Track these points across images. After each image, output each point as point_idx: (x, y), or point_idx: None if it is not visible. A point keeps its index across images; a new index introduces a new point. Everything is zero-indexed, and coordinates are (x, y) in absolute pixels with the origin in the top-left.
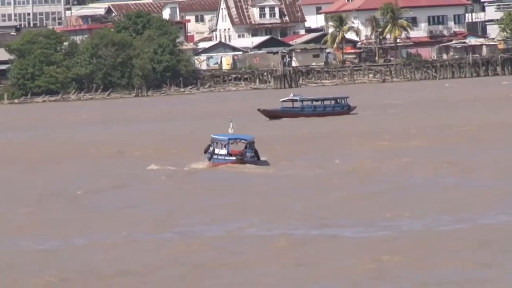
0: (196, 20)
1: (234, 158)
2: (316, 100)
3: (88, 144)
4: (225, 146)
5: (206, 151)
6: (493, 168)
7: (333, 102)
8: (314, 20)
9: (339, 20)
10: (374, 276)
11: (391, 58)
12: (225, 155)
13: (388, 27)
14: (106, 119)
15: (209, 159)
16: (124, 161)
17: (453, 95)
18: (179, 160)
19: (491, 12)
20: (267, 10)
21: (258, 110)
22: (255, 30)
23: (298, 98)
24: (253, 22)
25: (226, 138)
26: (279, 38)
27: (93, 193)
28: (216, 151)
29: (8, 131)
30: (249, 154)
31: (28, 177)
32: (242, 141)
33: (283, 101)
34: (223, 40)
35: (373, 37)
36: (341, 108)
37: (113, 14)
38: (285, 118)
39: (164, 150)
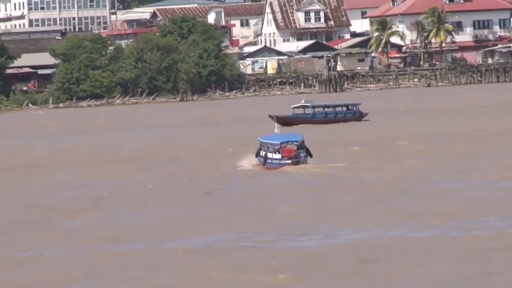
0: (241, 25)
1: (289, 161)
2: (328, 107)
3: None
4: (278, 151)
5: (257, 155)
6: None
7: (344, 108)
8: (359, 25)
9: (383, 24)
10: None
11: (436, 63)
12: (279, 159)
13: (433, 31)
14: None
15: (264, 164)
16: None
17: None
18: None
19: None
20: (312, 15)
21: (269, 116)
22: (300, 35)
23: (309, 104)
24: (298, 27)
25: (278, 142)
26: (324, 42)
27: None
28: (269, 155)
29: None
30: (302, 155)
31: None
32: (294, 143)
33: (295, 107)
34: (268, 45)
35: (418, 41)
36: (353, 114)
37: (158, 19)
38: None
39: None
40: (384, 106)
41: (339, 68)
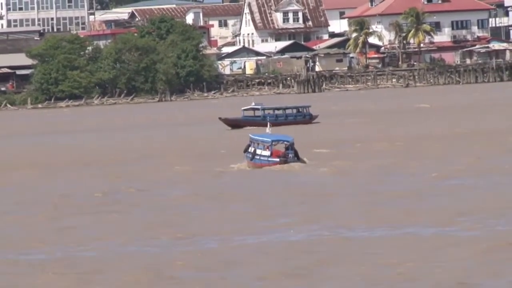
0: (220, 25)
1: (278, 159)
2: (278, 109)
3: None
4: (268, 148)
5: (245, 151)
6: None
7: (295, 111)
8: (338, 25)
9: (361, 24)
10: None
11: (415, 63)
12: (268, 156)
13: (412, 31)
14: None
15: (251, 159)
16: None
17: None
18: (213, 162)
19: None
20: (290, 15)
21: (219, 118)
22: (278, 35)
23: (259, 106)
24: (276, 27)
25: (269, 140)
26: (302, 43)
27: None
28: (258, 152)
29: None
30: (291, 155)
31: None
32: (285, 142)
33: (245, 109)
34: (246, 45)
35: (396, 41)
36: (303, 117)
37: (137, 19)
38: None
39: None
40: (345, 108)
41: (317, 68)
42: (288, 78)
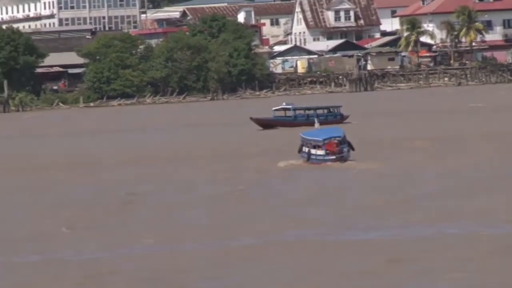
0: (271, 24)
1: (334, 157)
2: (309, 109)
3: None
4: (321, 147)
5: (300, 151)
6: None
7: (326, 111)
8: (389, 24)
9: (413, 23)
10: None
11: (466, 62)
12: (324, 155)
13: (463, 30)
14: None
15: (307, 159)
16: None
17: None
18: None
19: None
20: (342, 14)
21: (251, 118)
22: (330, 34)
23: (290, 106)
24: (328, 26)
25: (321, 139)
26: (354, 41)
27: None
28: (313, 151)
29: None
30: (345, 150)
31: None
32: (337, 138)
33: (276, 109)
34: (298, 44)
35: (448, 40)
36: (334, 117)
37: (188, 18)
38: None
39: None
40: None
41: (369, 67)
42: (340, 77)
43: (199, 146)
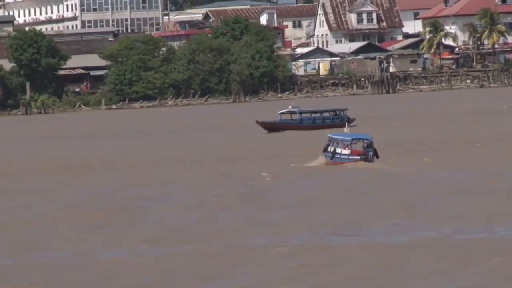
0: (294, 26)
1: (358, 157)
2: (315, 112)
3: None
4: (347, 146)
5: (325, 150)
6: None
7: (332, 114)
8: (412, 26)
9: (436, 25)
10: None
11: (489, 64)
12: (348, 155)
13: (486, 32)
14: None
15: (331, 158)
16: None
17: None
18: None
19: None
20: (364, 16)
21: (257, 122)
22: (352, 36)
23: (297, 110)
24: (350, 28)
25: (349, 138)
26: (376, 43)
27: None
28: (338, 150)
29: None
30: (370, 153)
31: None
32: (364, 141)
33: (282, 113)
34: (320, 46)
35: (470, 42)
36: (340, 120)
37: (211, 20)
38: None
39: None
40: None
41: (391, 69)
42: (362, 79)
43: (205, 149)
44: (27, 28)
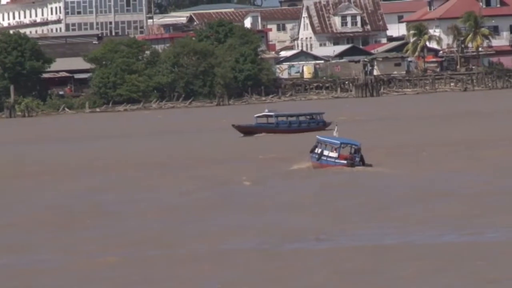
0: (278, 29)
1: (345, 162)
2: (291, 116)
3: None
4: (336, 150)
5: (312, 151)
6: None
7: (308, 117)
8: (396, 29)
9: (420, 28)
10: None
11: (473, 67)
12: (335, 158)
13: (470, 35)
14: None
15: (317, 160)
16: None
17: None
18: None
19: None
20: (349, 19)
21: (233, 126)
22: (336, 39)
23: (273, 113)
24: (334, 31)
25: (339, 142)
26: (360, 46)
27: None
28: (325, 153)
29: None
30: (357, 159)
31: None
32: (353, 146)
33: (258, 116)
34: (304, 49)
35: (454, 45)
36: (316, 124)
37: (195, 23)
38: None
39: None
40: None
41: (375, 72)
42: (346, 82)
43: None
44: (11, 31)
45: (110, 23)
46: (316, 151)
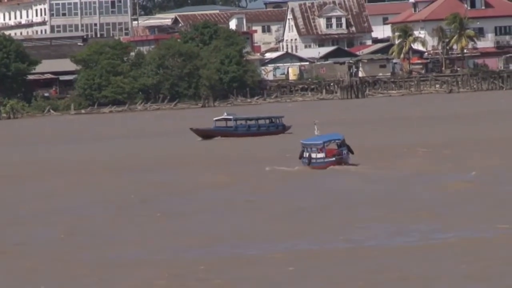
0: (263, 31)
1: (334, 158)
2: (250, 119)
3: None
4: (321, 150)
5: (301, 157)
6: None
7: (267, 121)
8: (381, 31)
9: (405, 30)
10: None
11: (458, 69)
12: (323, 158)
13: (455, 37)
14: None
15: (308, 164)
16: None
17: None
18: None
19: None
20: (333, 21)
21: (191, 129)
22: (321, 41)
23: (232, 117)
24: (319, 33)
25: (321, 142)
26: (345, 48)
27: None
28: (313, 155)
29: None
30: (345, 152)
31: None
32: (336, 141)
33: (216, 120)
34: (289, 51)
35: (439, 47)
36: (276, 127)
37: (180, 25)
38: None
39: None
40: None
41: (360, 74)
42: (332, 84)
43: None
44: None
45: (95, 24)
46: (304, 155)
